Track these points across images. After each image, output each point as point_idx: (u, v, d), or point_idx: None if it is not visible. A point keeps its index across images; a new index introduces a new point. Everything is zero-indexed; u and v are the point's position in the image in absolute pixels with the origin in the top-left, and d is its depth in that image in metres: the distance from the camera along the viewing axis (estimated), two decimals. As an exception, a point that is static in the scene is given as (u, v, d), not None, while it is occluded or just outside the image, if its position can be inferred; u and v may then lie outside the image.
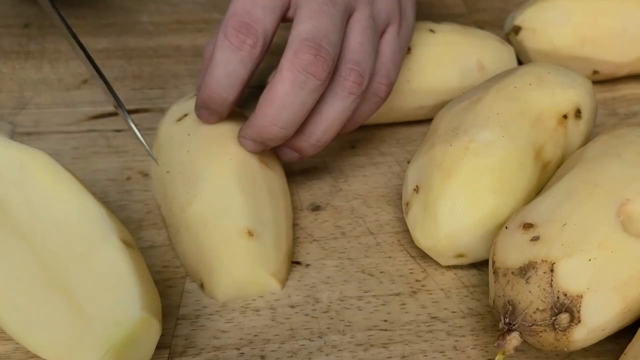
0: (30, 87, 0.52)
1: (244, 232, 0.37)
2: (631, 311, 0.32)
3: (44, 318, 0.30)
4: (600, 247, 0.32)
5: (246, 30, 0.37)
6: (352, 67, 0.38)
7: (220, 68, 0.38)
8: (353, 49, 0.39)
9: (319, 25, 0.37)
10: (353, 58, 0.38)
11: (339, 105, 0.39)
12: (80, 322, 0.30)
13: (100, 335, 0.30)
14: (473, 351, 0.35)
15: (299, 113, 0.37)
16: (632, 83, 0.53)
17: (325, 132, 0.39)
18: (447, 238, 0.37)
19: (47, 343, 0.30)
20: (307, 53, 0.36)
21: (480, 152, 0.37)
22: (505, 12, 0.60)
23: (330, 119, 0.39)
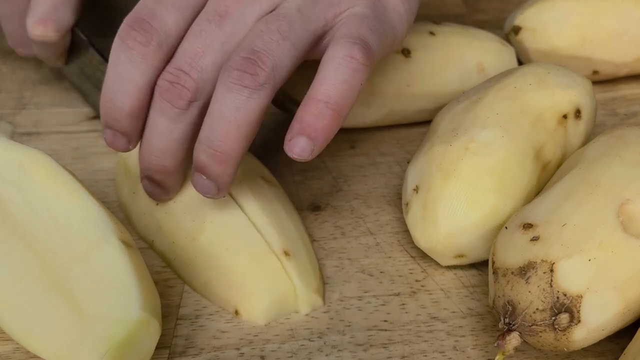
0: (30, 87, 0.52)
1: (281, 253, 0.36)
2: (631, 311, 0.32)
3: (44, 318, 0.30)
4: (600, 247, 0.32)
5: (140, 27, 0.34)
6: (245, 55, 0.32)
7: (111, 71, 0.34)
8: (250, 37, 0.33)
9: (187, 48, 0.34)
10: (247, 46, 0.33)
11: (230, 100, 0.32)
12: (80, 322, 0.30)
13: (100, 335, 0.30)
14: (473, 351, 0.35)
15: (167, 141, 0.35)
16: (632, 83, 0.53)
17: (222, 137, 0.33)
18: (447, 238, 0.37)
19: (48, 343, 0.30)
20: (165, 80, 0.34)
21: (480, 152, 0.37)
22: (505, 12, 0.60)
23: (223, 119, 0.33)
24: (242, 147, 0.34)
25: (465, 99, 0.41)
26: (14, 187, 0.32)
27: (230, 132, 0.33)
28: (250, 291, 0.36)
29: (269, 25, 0.33)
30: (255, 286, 0.36)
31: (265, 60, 0.32)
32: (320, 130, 0.33)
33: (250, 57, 0.32)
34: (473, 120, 0.39)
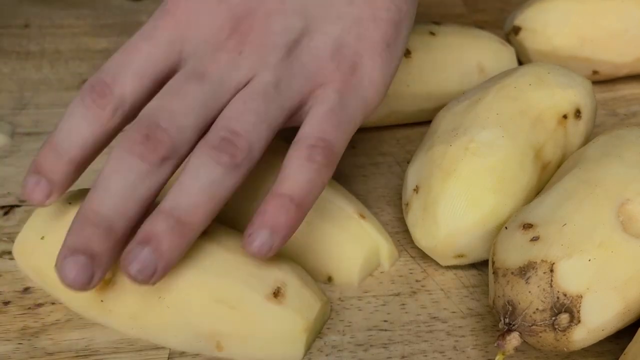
0: (30, 87, 0.52)
1: (358, 216, 0.39)
2: (631, 311, 0.32)
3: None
4: (600, 247, 0.32)
5: (100, 89, 0.34)
6: (224, 134, 0.32)
7: (63, 122, 0.34)
8: (228, 116, 0.33)
9: (164, 105, 0.33)
10: (227, 125, 0.33)
11: (205, 175, 0.32)
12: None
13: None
14: (473, 351, 0.35)
15: (126, 199, 0.32)
16: (632, 83, 0.53)
17: (191, 208, 0.32)
18: (447, 238, 0.37)
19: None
20: (137, 133, 0.32)
21: (480, 152, 0.37)
22: (505, 12, 0.60)
23: (195, 191, 0.32)
24: (204, 224, 0.33)
25: (465, 99, 0.41)
26: None
27: (199, 205, 0.32)
28: (341, 256, 0.38)
29: (247, 105, 0.33)
30: (346, 250, 0.38)
31: (243, 142, 0.33)
32: (283, 225, 0.32)
33: (229, 138, 0.32)
34: (473, 120, 0.39)
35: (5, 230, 0.41)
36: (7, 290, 0.38)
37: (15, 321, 0.36)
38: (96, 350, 0.35)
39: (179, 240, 0.32)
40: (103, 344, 0.35)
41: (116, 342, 0.35)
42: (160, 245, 0.31)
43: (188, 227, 0.32)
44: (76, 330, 0.36)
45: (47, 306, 0.37)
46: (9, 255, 0.39)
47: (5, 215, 0.42)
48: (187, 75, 0.34)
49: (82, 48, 0.56)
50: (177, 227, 0.32)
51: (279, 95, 0.34)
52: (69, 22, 0.60)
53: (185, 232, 0.32)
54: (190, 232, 0.32)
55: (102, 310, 0.35)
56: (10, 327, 0.36)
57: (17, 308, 0.37)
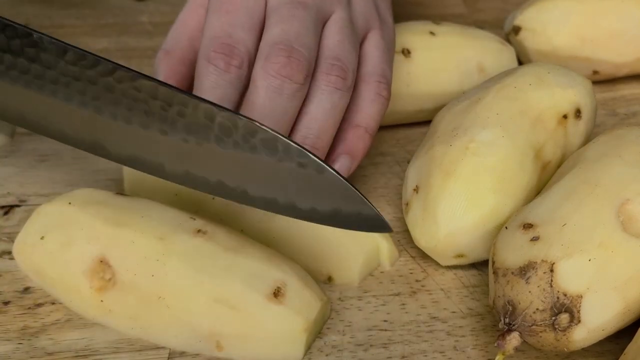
0: (30, 87, 0.52)
1: None
2: (631, 311, 0.32)
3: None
4: (600, 247, 0.32)
5: (230, 51, 0.36)
6: (333, 62, 0.37)
7: (210, 94, 0.36)
8: (332, 47, 0.38)
9: (288, 29, 0.36)
10: (333, 54, 0.38)
11: (326, 102, 0.37)
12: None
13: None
14: (473, 351, 0.35)
15: (281, 122, 0.36)
16: (632, 83, 0.53)
17: (320, 133, 0.37)
18: (447, 238, 0.37)
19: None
20: (279, 56, 0.35)
21: (480, 152, 0.37)
22: (505, 12, 0.59)
23: (321, 118, 0.37)
24: (329, 143, 0.38)
25: (465, 99, 0.41)
26: None
27: (328, 128, 0.37)
28: (342, 256, 0.38)
29: (342, 35, 0.38)
30: (347, 249, 0.38)
31: (349, 65, 0.38)
32: (361, 150, 0.39)
33: (337, 64, 0.37)
34: (473, 120, 0.39)
35: (5, 230, 0.41)
36: (7, 290, 0.38)
37: (15, 321, 0.36)
38: (96, 350, 0.35)
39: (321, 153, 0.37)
40: (103, 344, 0.35)
41: (116, 342, 0.35)
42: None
43: (321, 150, 0.37)
44: (76, 330, 0.36)
45: (47, 306, 0.37)
46: (9, 255, 0.39)
47: (5, 215, 0.42)
48: (292, 3, 0.37)
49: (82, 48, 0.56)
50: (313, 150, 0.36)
51: (354, 28, 0.40)
52: (69, 22, 0.60)
53: (320, 154, 0.37)
54: (323, 153, 0.37)
55: (102, 310, 0.35)
56: (10, 327, 0.36)
57: (17, 308, 0.37)
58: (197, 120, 0.32)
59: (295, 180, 0.32)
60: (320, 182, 0.32)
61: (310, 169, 0.32)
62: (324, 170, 0.32)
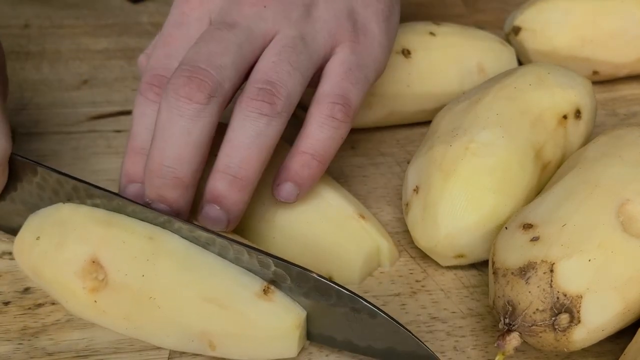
0: (30, 87, 0.52)
1: (358, 217, 0.39)
2: (631, 311, 0.32)
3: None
4: (600, 247, 0.32)
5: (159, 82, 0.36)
6: (261, 86, 0.34)
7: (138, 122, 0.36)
8: (263, 69, 0.35)
9: (200, 50, 0.35)
10: (262, 78, 0.35)
11: (250, 129, 0.34)
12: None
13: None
14: (473, 351, 0.35)
15: (184, 145, 0.34)
16: (632, 83, 0.53)
17: (243, 163, 0.34)
18: (447, 238, 0.37)
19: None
20: (180, 76, 0.34)
21: (480, 152, 0.37)
22: (505, 12, 0.60)
23: (243, 146, 0.34)
24: (259, 173, 0.35)
25: (465, 99, 0.41)
26: None
27: (251, 157, 0.34)
28: (342, 256, 0.38)
29: (280, 55, 0.35)
30: (347, 250, 0.38)
31: (280, 90, 0.35)
32: (306, 178, 0.36)
33: (266, 88, 0.34)
34: (473, 120, 0.39)
35: (6, 230, 0.41)
36: (7, 291, 0.38)
37: (15, 321, 0.36)
38: (96, 350, 0.35)
39: (242, 193, 0.35)
40: (103, 344, 0.35)
41: (116, 342, 0.35)
42: (227, 201, 0.35)
43: (245, 180, 0.35)
44: (76, 330, 0.36)
45: (47, 306, 0.37)
46: (9, 255, 0.39)
47: (5, 216, 0.42)
48: (218, 25, 0.36)
49: (82, 48, 0.56)
50: (235, 182, 0.35)
51: (306, 47, 0.36)
52: (69, 22, 0.60)
53: (243, 185, 0.35)
54: (248, 184, 0.35)
55: (97, 311, 0.35)
56: (10, 327, 0.36)
57: (17, 308, 0.37)
58: (253, 267, 0.34)
59: (350, 321, 0.33)
60: (373, 325, 0.33)
61: (364, 314, 0.33)
62: (377, 315, 0.32)
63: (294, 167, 0.36)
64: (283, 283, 0.34)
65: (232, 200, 0.35)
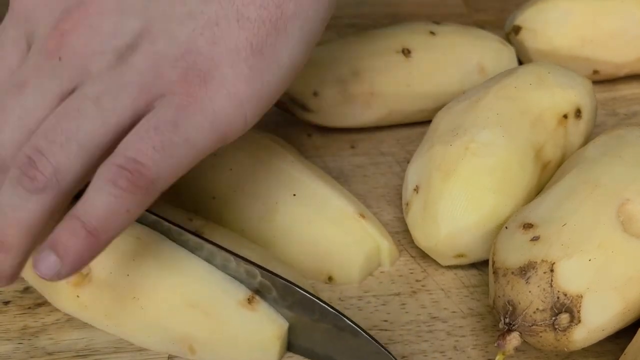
0: (30, 87, 0.52)
1: (358, 216, 0.39)
2: (631, 311, 0.32)
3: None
4: (600, 247, 0.32)
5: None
6: (27, 152, 0.29)
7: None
8: (38, 133, 0.30)
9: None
10: (31, 144, 0.29)
11: (9, 198, 0.29)
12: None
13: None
14: (473, 351, 0.35)
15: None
16: (632, 83, 0.53)
17: (3, 230, 0.30)
18: (447, 238, 0.37)
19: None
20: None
21: (480, 152, 0.37)
22: (506, 12, 0.59)
23: (6, 214, 0.30)
24: (24, 242, 0.30)
25: (465, 99, 0.41)
26: None
27: (10, 227, 0.30)
28: (342, 256, 0.38)
29: (57, 122, 0.30)
30: (347, 250, 0.38)
31: (45, 164, 0.29)
32: (71, 252, 0.29)
33: (31, 158, 0.29)
34: (473, 120, 0.39)
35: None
36: (7, 290, 0.38)
37: (15, 321, 0.36)
38: (96, 350, 0.35)
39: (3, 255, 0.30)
40: (103, 344, 0.35)
41: (116, 342, 0.35)
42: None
43: (7, 246, 0.30)
44: (76, 330, 0.36)
45: (47, 306, 0.37)
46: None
47: (5, 215, 0.42)
48: (9, 85, 0.31)
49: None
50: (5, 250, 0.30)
51: (99, 110, 0.30)
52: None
53: (5, 248, 0.30)
54: (10, 249, 0.30)
55: (79, 306, 0.35)
56: (10, 327, 0.36)
57: (17, 308, 0.37)
58: (240, 275, 0.34)
59: (332, 338, 0.33)
60: (356, 344, 0.32)
61: (347, 332, 0.33)
62: (359, 335, 0.32)
63: (60, 233, 0.29)
64: (268, 294, 0.34)
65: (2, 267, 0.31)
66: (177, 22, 0.30)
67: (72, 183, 0.30)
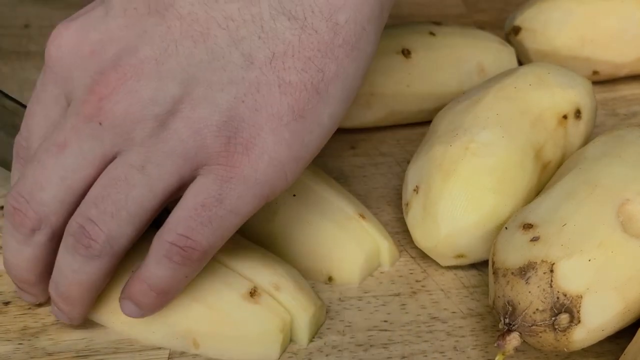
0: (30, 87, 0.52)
1: (358, 217, 0.39)
2: (631, 311, 0.32)
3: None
4: (600, 247, 0.32)
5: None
6: (80, 221, 0.31)
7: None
8: (88, 202, 0.31)
9: (26, 177, 0.32)
10: (84, 212, 0.31)
11: (68, 262, 0.32)
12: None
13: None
14: (473, 351, 0.35)
15: (20, 261, 0.33)
16: (632, 83, 0.53)
17: (68, 288, 0.33)
18: (447, 238, 0.37)
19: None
20: (9, 204, 0.32)
21: (480, 152, 0.37)
22: (505, 12, 0.59)
23: (66, 275, 0.32)
24: (88, 297, 0.33)
25: (465, 99, 0.41)
26: None
27: (72, 286, 0.32)
28: (342, 256, 0.38)
29: (106, 191, 0.31)
30: (347, 250, 0.38)
31: (98, 233, 0.31)
32: (146, 305, 0.33)
33: (83, 227, 0.31)
34: (473, 120, 0.39)
35: (6, 230, 0.41)
36: (7, 291, 0.38)
37: (15, 321, 0.36)
38: (96, 350, 0.35)
39: (70, 307, 0.34)
40: (103, 344, 0.35)
41: (116, 342, 0.35)
42: (58, 305, 0.34)
43: (70, 299, 0.33)
44: (76, 330, 0.36)
45: (47, 306, 0.37)
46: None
47: (5, 216, 0.42)
48: (48, 143, 0.32)
49: None
50: (61, 298, 0.33)
51: (145, 179, 0.30)
52: (69, 22, 0.59)
53: (70, 302, 0.33)
54: (74, 302, 0.33)
55: None
56: (10, 327, 0.36)
57: (17, 308, 0.37)
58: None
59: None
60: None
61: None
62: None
63: (133, 291, 0.32)
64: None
65: (62, 308, 0.34)
66: (218, 88, 0.30)
67: (126, 246, 0.32)
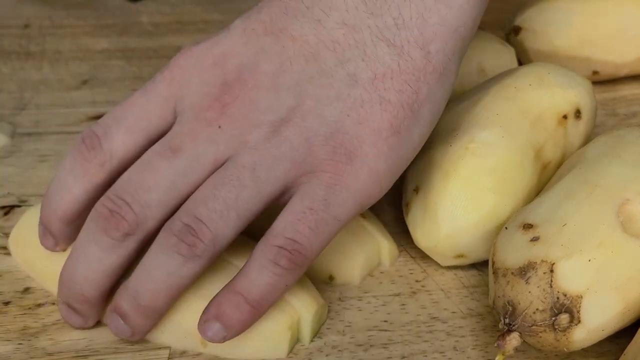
0: (30, 87, 0.52)
1: (358, 216, 0.38)
2: (631, 311, 0.32)
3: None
4: (600, 247, 0.32)
5: (90, 142, 0.33)
6: (186, 221, 0.31)
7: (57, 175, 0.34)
8: (196, 201, 0.31)
9: (131, 177, 0.32)
10: (192, 211, 0.31)
11: (162, 263, 0.31)
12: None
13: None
14: (473, 351, 0.35)
15: (94, 270, 0.32)
16: (632, 83, 0.53)
17: (152, 295, 0.32)
18: (447, 238, 0.37)
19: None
20: (103, 205, 0.32)
21: (480, 152, 0.37)
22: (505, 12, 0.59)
23: (156, 279, 0.31)
24: (168, 305, 0.33)
25: (465, 99, 0.41)
26: None
27: (158, 292, 0.32)
28: (342, 256, 0.38)
29: (217, 190, 0.31)
30: (347, 250, 0.38)
31: (205, 232, 0.31)
32: (235, 322, 0.32)
33: (191, 226, 0.31)
34: (473, 120, 0.39)
35: (6, 230, 0.41)
36: (7, 291, 0.38)
37: (15, 321, 0.36)
38: (96, 351, 0.35)
39: (145, 320, 0.33)
40: (103, 344, 0.35)
41: (116, 342, 0.35)
42: (130, 322, 0.33)
43: (150, 310, 0.32)
44: (76, 330, 0.36)
45: (47, 306, 0.37)
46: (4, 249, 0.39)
47: (5, 216, 0.42)
48: (161, 147, 0.32)
49: (82, 48, 0.56)
50: (139, 309, 0.32)
51: (255, 180, 0.31)
52: (69, 23, 0.60)
53: (148, 314, 0.33)
54: (153, 314, 0.33)
55: None
56: (10, 327, 0.36)
57: (17, 308, 0.37)
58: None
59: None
60: None
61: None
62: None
63: (224, 306, 0.32)
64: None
65: (135, 322, 0.33)
66: (326, 103, 0.33)
67: (224, 248, 0.32)
